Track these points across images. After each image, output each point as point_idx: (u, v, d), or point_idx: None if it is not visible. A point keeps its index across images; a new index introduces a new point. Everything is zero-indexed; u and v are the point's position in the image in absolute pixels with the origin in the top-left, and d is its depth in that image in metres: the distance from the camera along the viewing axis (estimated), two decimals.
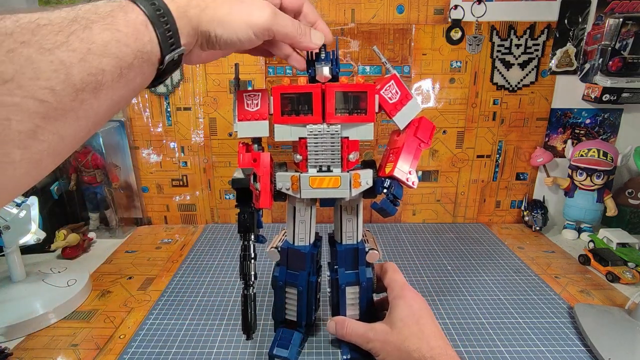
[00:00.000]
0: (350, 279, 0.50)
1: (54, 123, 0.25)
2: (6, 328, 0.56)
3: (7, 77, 0.23)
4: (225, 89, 0.84)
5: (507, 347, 0.53)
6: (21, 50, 0.23)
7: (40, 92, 0.24)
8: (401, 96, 0.45)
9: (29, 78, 0.24)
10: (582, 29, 0.81)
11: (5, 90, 0.23)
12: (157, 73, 0.33)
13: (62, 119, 0.26)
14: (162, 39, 0.31)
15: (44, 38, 0.25)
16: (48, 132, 0.25)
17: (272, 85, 0.83)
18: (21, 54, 0.23)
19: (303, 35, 0.40)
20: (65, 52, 0.25)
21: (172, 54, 0.32)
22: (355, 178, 0.45)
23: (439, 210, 0.93)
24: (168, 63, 0.32)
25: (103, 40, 0.27)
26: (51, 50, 0.25)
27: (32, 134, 0.25)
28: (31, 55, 0.24)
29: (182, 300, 0.64)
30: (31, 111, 0.24)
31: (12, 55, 0.23)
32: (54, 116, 0.25)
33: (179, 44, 0.32)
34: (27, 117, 0.24)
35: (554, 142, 0.89)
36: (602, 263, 0.72)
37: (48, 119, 0.25)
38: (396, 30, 0.81)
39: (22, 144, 0.24)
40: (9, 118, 0.23)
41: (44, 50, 0.24)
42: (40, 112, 0.24)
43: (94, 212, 0.89)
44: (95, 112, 0.28)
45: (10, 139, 0.24)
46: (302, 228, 0.49)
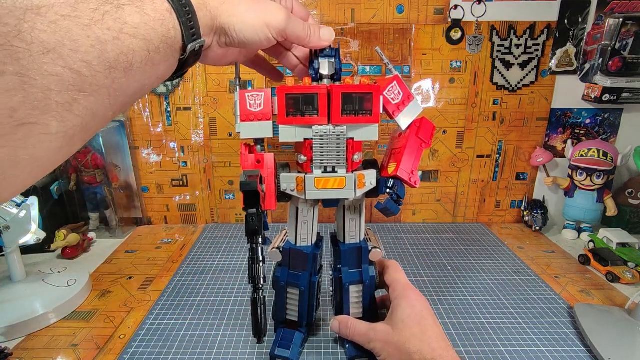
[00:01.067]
0: (354, 277, 0.51)
1: (88, 98, 0.26)
2: (6, 328, 0.55)
3: (50, 47, 0.23)
4: (225, 89, 0.84)
5: (507, 347, 0.53)
6: (62, 23, 0.24)
7: (79, 65, 0.25)
8: (403, 97, 0.46)
9: (69, 50, 0.24)
10: (582, 29, 0.81)
11: (48, 59, 0.23)
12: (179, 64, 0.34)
13: (95, 94, 0.26)
14: (184, 27, 0.32)
15: (83, 14, 0.25)
16: (82, 107, 0.26)
17: (274, 86, 0.83)
18: (62, 26, 0.24)
19: (312, 35, 0.42)
20: (101, 30, 0.26)
21: (193, 43, 0.33)
22: (360, 179, 0.45)
23: (439, 210, 0.93)
24: (190, 53, 0.33)
25: (134, 22, 0.28)
26: (89, 26, 0.25)
27: (69, 106, 0.25)
28: (71, 29, 0.24)
29: (182, 300, 0.64)
30: (69, 83, 0.24)
31: (54, 26, 0.24)
32: (89, 91, 0.26)
33: (199, 35, 0.33)
34: (65, 89, 0.24)
35: (554, 142, 0.89)
36: (602, 263, 0.72)
37: (83, 93, 0.25)
38: (396, 30, 0.81)
39: (60, 116, 0.25)
40: (50, 88, 0.23)
41: (83, 25, 0.25)
42: (77, 85, 0.25)
43: (94, 212, 0.89)
44: (125, 92, 0.29)
45: (50, 109, 0.24)
46: (305, 229, 0.49)
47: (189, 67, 0.35)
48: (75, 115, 0.26)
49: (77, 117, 0.26)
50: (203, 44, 0.35)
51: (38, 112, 0.23)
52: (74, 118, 0.26)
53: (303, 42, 0.42)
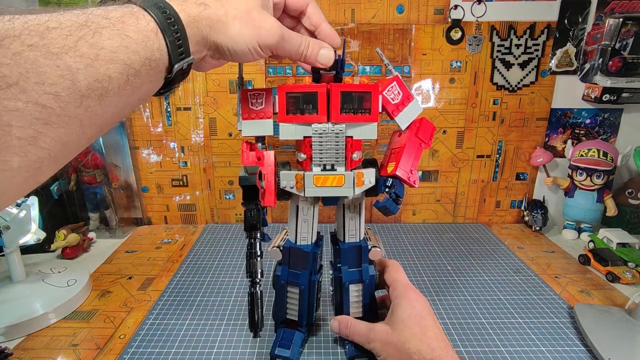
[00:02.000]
0: (353, 276, 0.51)
1: (56, 130, 0.25)
2: (6, 328, 0.55)
3: (11, 81, 0.22)
4: (225, 89, 0.84)
5: (507, 347, 0.53)
6: (28, 54, 0.23)
7: (44, 98, 0.23)
8: (403, 97, 0.46)
9: (34, 82, 0.23)
10: (582, 29, 0.81)
11: (9, 95, 0.22)
12: (165, 82, 0.32)
13: (65, 125, 0.25)
14: (171, 47, 0.30)
15: (52, 42, 0.24)
16: (50, 138, 0.25)
17: (275, 85, 0.83)
18: (27, 58, 0.23)
19: (309, 56, 0.40)
20: (72, 57, 0.24)
21: (180, 62, 0.32)
22: (359, 177, 0.46)
23: (439, 210, 0.93)
24: (177, 72, 0.32)
25: (112, 46, 0.26)
26: (58, 55, 0.24)
27: (33, 140, 0.24)
28: (37, 59, 0.23)
29: (182, 300, 0.64)
30: (33, 117, 0.23)
31: (18, 58, 0.22)
32: (57, 123, 0.24)
33: (188, 53, 0.32)
34: (29, 124, 0.23)
35: (554, 142, 0.89)
36: (602, 263, 0.72)
37: (50, 126, 0.24)
38: (396, 30, 0.81)
39: (22, 150, 0.23)
40: (10, 124, 0.22)
41: (51, 54, 0.24)
42: (42, 118, 0.24)
43: (94, 212, 0.89)
44: (100, 119, 0.28)
45: (9, 145, 0.23)
46: (305, 227, 0.49)
47: (177, 83, 0.34)
48: (40, 148, 0.24)
49: (43, 149, 0.24)
50: (192, 62, 0.33)
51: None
52: (39, 151, 0.24)
53: (296, 59, 0.41)
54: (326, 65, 0.42)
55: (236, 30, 0.35)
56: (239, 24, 0.35)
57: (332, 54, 0.41)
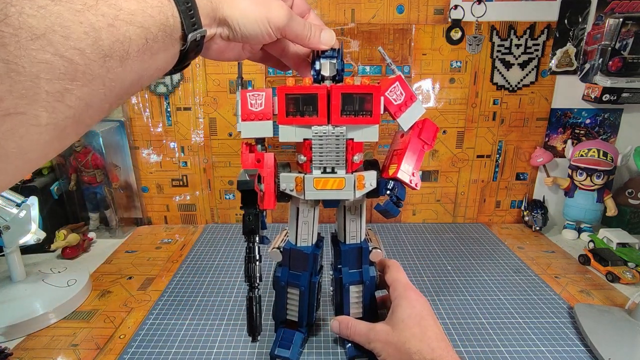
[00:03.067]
0: (354, 278, 0.51)
1: (81, 88, 0.25)
2: (6, 328, 0.55)
3: (39, 33, 0.22)
4: (225, 89, 0.84)
5: (507, 347, 0.53)
6: (53, 8, 0.23)
7: (71, 52, 0.23)
8: (405, 97, 0.45)
9: (60, 36, 0.23)
10: (582, 29, 0.81)
11: (37, 46, 0.22)
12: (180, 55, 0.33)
13: (89, 84, 0.25)
14: (184, 15, 0.31)
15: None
16: (75, 97, 0.25)
17: (275, 85, 0.83)
18: (52, 11, 0.23)
19: (313, 36, 0.41)
20: (94, 16, 0.25)
21: (194, 33, 0.32)
22: (360, 180, 0.45)
23: (439, 210, 0.93)
24: (191, 43, 0.32)
25: (130, 9, 0.27)
26: (82, 12, 0.24)
27: (60, 96, 0.24)
28: (62, 14, 0.23)
29: (182, 300, 0.64)
30: (60, 71, 0.23)
31: (43, 11, 0.22)
32: (82, 80, 0.25)
33: (200, 24, 0.33)
34: (56, 77, 0.23)
35: (554, 142, 0.89)
36: (602, 263, 0.72)
37: (76, 83, 0.24)
38: (396, 30, 0.81)
39: (50, 106, 0.23)
40: (39, 76, 0.22)
41: (75, 11, 0.24)
42: (69, 73, 0.24)
43: (94, 212, 0.89)
44: (121, 83, 0.28)
45: (39, 98, 0.23)
46: (305, 229, 0.49)
47: (191, 59, 0.35)
48: (67, 106, 0.24)
49: (70, 108, 0.25)
50: (204, 34, 0.34)
51: (26, 101, 0.22)
52: (66, 109, 0.24)
53: (302, 41, 0.41)
54: (329, 46, 0.42)
55: (245, 4, 0.36)
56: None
57: (333, 35, 0.42)
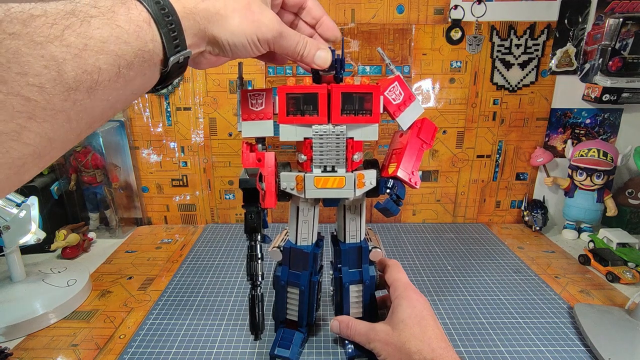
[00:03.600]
0: (354, 277, 0.51)
1: (41, 124, 0.23)
2: (6, 328, 0.55)
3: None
4: (225, 89, 0.84)
5: (507, 347, 0.53)
6: (9, 43, 0.21)
7: (27, 90, 0.22)
8: (404, 97, 0.46)
9: (16, 73, 0.22)
10: (582, 29, 0.81)
11: None
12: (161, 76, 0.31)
13: (50, 120, 0.24)
14: (166, 39, 0.29)
15: (36, 30, 0.23)
16: (34, 134, 0.23)
17: (275, 85, 0.83)
18: (9, 47, 0.21)
19: (306, 56, 0.40)
20: (58, 47, 0.23)
21: (176, 55, 0.30)
22: (360, 178, 0.45)
23: (439, 210, 0.93)
24: (172, 65, 0.31)
25: (102, 36, 0.25)
26: (43, 44, 0.23)
27: (16, 135, 0.22)
28: (20, 49, 0.22)
29: (182, 300, 0.64)
30: (15, 110, 0.22)
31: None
32: (42, 117, 0.23)
33: (184, 46, 0.31)
34: (10, 117, 0.22)
35: (554, 142, 0.89)
36: (602, 263, 0.72)
37: (35, 120, 0.23)
38: (396, 30, 0.81)
39: (3, 147, 0.22)
40: None
41: (35, 43, 0.22)
42: (26, 111, 0.22)
43: (94, 212, 0.89)
44: (89, 114, 0.26)
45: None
46: (305, 228, 0.49)
47: (174, 78, 0.33)
48: (24, 144, 0.23)
49: (28, 145, 0.23)
50: (189, 55, 0.32)
51: None
52: (23, 147, 0.23)
53: (293, 58, 0.40)
54: (322, 67, 0.41)
55: (235, 24, 0.34)
56: (238, 17, 0.34)
57: (329, 56, 0.41)
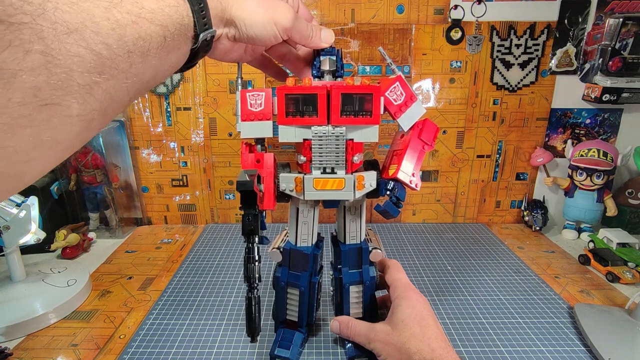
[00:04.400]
0: (354, 278, 0.50)
1: (107, 81, 0.26)
2: (6, 328, 0.55)
3: (72, 27, 0.23)
4: (225, 89, 0.84)
5: (507, 347, 0.53)
6: (83, 4, 0.24)
7: (100, 47, 0.25)
8: (406, 98, 0.45)
9: (91, 31, 0.24)
10: (582, 29, 0.81)
11: (71, 40, 0.23)
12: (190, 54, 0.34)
13: (114, 78, 0.26)
14: (196, 16, 0.32)
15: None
16: (102, 90, 0.26)
17: (274, 85, 0.83)
18: (83, 8, 0.24)
19: (314, 36, 0.43)
20: (120, 13, 0.26)
21: (205, 33, 0.34)
22: (359, 180, 0.45)
23: (439, 210, 0.93)
24: (201, 42, 0.34)
25: (150, 7, 0.28)
26: (109, 9, 0.25)
27: (90, 89, 0.25)
28: (92, 10, 0.24)
29: (182, 300, 0.64)
30: (91, 65, 0.24)
31: (76, 7, 0.24)
32: (109, 74, 0.26)
33: (210, 25, 0.34)
34: (87, 70, 0.24)
35: (554, 142, 0.89)
36: (602, 263, 0.72)
37: (104, 76, 0.25)
38: (396, 30, 0.81)
39: (81, 98, 0.24)
40: (72, 69, 0.23)
41: (103, 8, 0.25)
42: (98, 67, 0.25)
43: (94, 212, 0.89)
44: (141, 78, 0.29)
45: (72, 90, 0.24)
46: (305, 229, 0.49)
47: (200, 58, 0.36)
48: (95, 98, 0.25)
49: (97, 100, 0.26)
50: (214, 34, 0.35)
51: (61, 92, 0.23)
52: (94, 101, 0.25)
53: (305, 41, 0.43)
54: (329, 44, 0.44)
55: (253, 6, 0.37)
56: (256, 1, 0.38)
57: (332, 34, 0.44)
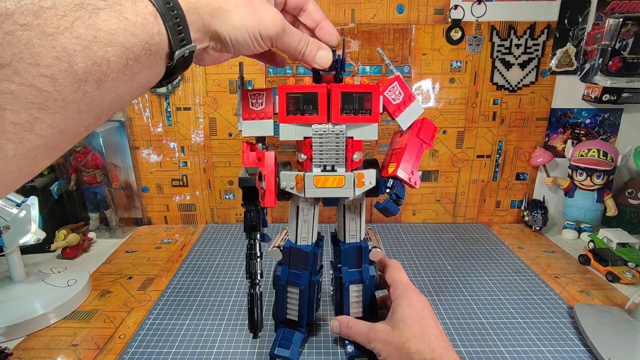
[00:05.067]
0: (354, 277, 0.51)
1: (53, 116, 0.24)
2: (6, 328, 0.55)
3: (4, 62, 0.21)
4: (226, 89, 0.84)
5: (507, 347, 0.53)
6: (21, 34, 0.22)
7: (40, 80, 0.22)
8: (404, 97, 0.46)
9: (28, 64, 0.22)
10: (582, 29, 0.81)
11: (2, 76, 0.21)
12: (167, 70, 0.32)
13: (62, 111, 0.24)
14: (171, 32, 0.29)
15: (47, 22, 0.23)
16: (46, 125, 0.24)
17: (275, 85, 0.83)
18: (21, 38, 0.22)
19: (307, 55, 0.40)
20: (68, 39, 0.23)
21: (182, 49, 0.31)
22: (359, 178, 0.46)
23: (439, 210, 0.93)
24: (178, 59, 0.31)
25: (110, 28, 0.25)
26: (54, 36, 0.23)
27: (29, 126, 0.23)
28: (32, 40, 0.22)
29: (182, 300, 0.64)
30: (28, 101, 0.22)
31: (10, 38, 0.21)
32: (54, 108, 0.23)
33: (189, 40, 0.31)
34: (24, 108, 0.22)
35: (554, 142, 0.89)
36: (602, 263, 0.72)
37: (47, 111, 0.23)
38: (396, 30, 0.81)
39: (17, 137, 0.22)
40: (4, 107, 0.21)
41: (46, 35, 0.23)
42: (38, 102, 0.23)
43: (94, 212, 0.89)
44: (98, 106, 0.27)
45: (4, 130, 0.22)
46: (305, 227, 0.49)
47: (179, 73, 0.33)
48: (37, 134, 0.23)
49: (40, 136, 0.23)
50: (194, 50, 0.32)
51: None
52: (36, 138, 0.23)
53: (294, 56, 0.40)
54: (323, 67, 0.41)
55: (238, 18, 0.34)
56: (241, 12, 0.34)
57: (330, 56, 0.41)
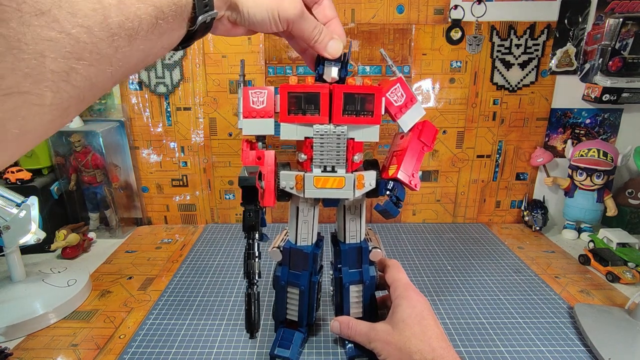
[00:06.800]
0: (354, 277, 0.51)
1: (88, 67, 0.24)
2: (6, 328, 0.55)
3: (44, 8, 0.21)
4: (225, 89, 0.84)
5: (507, 347, 0.53)
6: None
7: (77, 30, 0.22)
8: (406, 99, 0.46)
9: (67, 12, 0.22)
10: (582, 29, 0.81)
11: (42, 22, 0.21)
12: (187, 34, 0.32)
13: (96, 64, 0.24)
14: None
15: None
16: (81, 76, 0.24)
17: (275, 85, 0.83)
18: None
19: (319, 42, 0.41)
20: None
21: (205, 15, 0.32)
22: (359, 179, 0.45)
23: (439, 210, 0.93)
24: (200, 25, 0.32)
25: None
26: None
27: (66, 75, 0.23)
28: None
29: (182, 300, 0.64)
30: (66, 50, 0.22)
31: None
32: (89, 60, 0.24)
33: (212, 7, 0.32)
34: (62, 56, 0.22)
35: (554, 142, 0.89)
36: (602, 263, 0.72)
37: (83, 62, 0.23)
38: (396, 30, 0.81)
39: (55, 86, 0.22)
40: (44, 54, 0.21)
41: None
42: (75, 52, 0.23)
43: (94, 212, 0.89)
44: (127, 62, 0.27)
45: (43, 78, 0.21)
46: (305, 228, 0.49)
47: (198, 38, 0.34)
48: (72, 85, 0.23)
49: (75, 87, 0.23)
50: (215, 16, 0.33)
51: (30, 80, 0.21)
52: (71, 89, 0.23)
53: (307, 42, 0.41)
54: (333, 56, 0.42)
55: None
56: None
57: (340, 46, 0.42)
